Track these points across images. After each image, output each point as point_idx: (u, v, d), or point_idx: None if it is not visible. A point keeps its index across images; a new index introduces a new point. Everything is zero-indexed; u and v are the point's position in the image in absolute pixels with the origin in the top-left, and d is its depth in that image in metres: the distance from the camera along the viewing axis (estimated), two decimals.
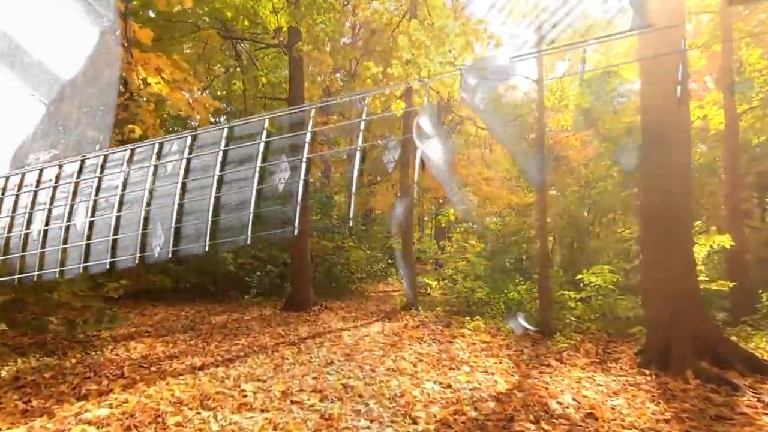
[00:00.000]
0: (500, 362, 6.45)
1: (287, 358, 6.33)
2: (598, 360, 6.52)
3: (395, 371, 5.82)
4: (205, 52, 9.57)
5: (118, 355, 6.24)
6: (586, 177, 13.58)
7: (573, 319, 8.22)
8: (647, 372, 5.78)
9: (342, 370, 5.84)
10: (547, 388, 5.28)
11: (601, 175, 12.90)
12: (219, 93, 10.05)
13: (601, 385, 5.37)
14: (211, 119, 14.08)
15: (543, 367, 6.25)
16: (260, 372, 5.62)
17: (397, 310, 10.55)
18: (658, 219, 6.17)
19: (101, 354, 6.12)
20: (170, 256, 1.83)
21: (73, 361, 5.72)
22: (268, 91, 11.31)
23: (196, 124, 11.72)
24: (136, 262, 1.87)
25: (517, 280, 9.43)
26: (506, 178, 18.48)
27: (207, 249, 1.81)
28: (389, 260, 19.22)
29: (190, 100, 7.32)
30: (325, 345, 7.19)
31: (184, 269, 12.12)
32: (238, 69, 10.29)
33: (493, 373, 5.88)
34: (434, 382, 5.39)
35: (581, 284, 8.87)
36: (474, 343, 7.41)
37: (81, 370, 5.27)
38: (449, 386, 5.20)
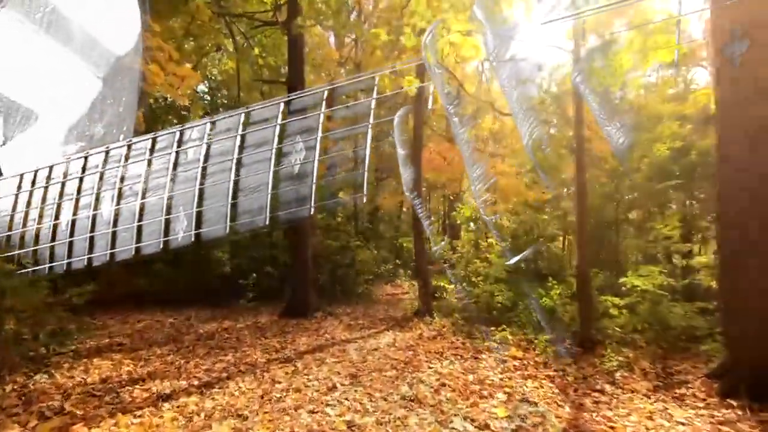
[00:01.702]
0: (541, 386, 5.16)
1: (279, 381, 5.07)
2: (661, 384, 5.20)
3: (413, 401, 4.54)
4: (193, 28, 8.35)
5: (72, 377, 5.01)
6: (612, 170, 12.22)
7: (617, 329, 6.89)
8: (735, 404, 4.46)
9: (346, 399, 4.58)
10: (613, 428, 3.99)
11: (630, 168, 11.53)
12: (209, 74, 8.87)
13: (683, 424, 4.06)
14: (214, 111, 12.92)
15: (596, 393, 4.95)
16: (242, 403, 4.36)
17: (409, 317, 9.27)
18: (746, 221, 4.79)
19: (50, 377, 4.90)
20: (193, 240, 1.84)
21: (9, 387, 4.50)
22: (266, 74, 10.13)
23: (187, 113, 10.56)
24: (161, 247, 1.88)
25: (550, 283, 8.12)
26: (518, 173, 17.13)
27: (227, 231, 1.83)
28: (397, 260, 17.96)
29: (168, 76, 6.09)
30: (326, 362, 5.92)
31: (174, 271, 10.94)
32: (233, 48, 9.05)
33: (536, 403, 4.59)
34: (465, 419, 4.11)
35: (623, 288, 7.54)
36: (505, 360, 6.11)
37: (10, 403, 4.05)
38: (486, 426, 3.92)
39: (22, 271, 2.25)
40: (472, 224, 16.27)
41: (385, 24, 6.86)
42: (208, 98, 12.20)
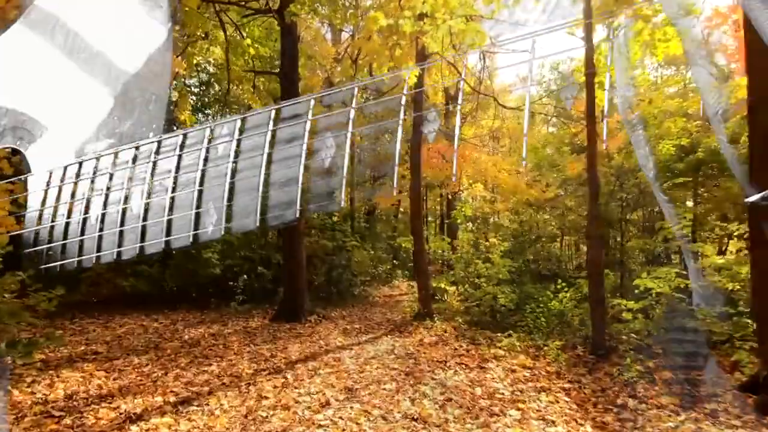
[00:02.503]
0: (556, 400, 4.62)
1: (266, 397, 4.51)
2: (689, 397, 4.69)
3: (417, 420, 3.99)
4: (179, 15, 7.75)
5: (33, 393, 4.42)
6: (617, 167, 11.74)
7: (633, 336, 6.37)
8: None
9: (341, 417, 4.02)
10: None
11: (636, 166, 11.06)
12: (199, 67, 8.30)
13: None
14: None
15: (618, 409, 4.42)
16: (222, 424, 3.79)
17: (408, 320, 8.72)
18: None
19: (6, 394, 4.30)
20: (223, 233, 1.85)
21: None
22: (258, 66, 9.55)
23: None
24: (191, 241, 1.90)
25: (559, 285, 7.58)
26: (518, 171, 16.64)
27: (258, 224, 1.86)
28: (394, 261, 17.40)
29: None
30: (319, 373, 5.36)
31: (162, 272, 10.33)
32: (223, 36, 8.47)
33: (554, 422, 4.05)
34: None
35: (635, 291, 7.02)
36: (513, 370, 5.58)
37: None
38: None
39: (49, 265, 2.20)
40: (470, 224, 15.78)
41: (383, 8, 6.31)
42: (198, 92, 11.65)
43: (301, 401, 4.39)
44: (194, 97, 11.86)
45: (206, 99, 12.43)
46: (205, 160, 1.97)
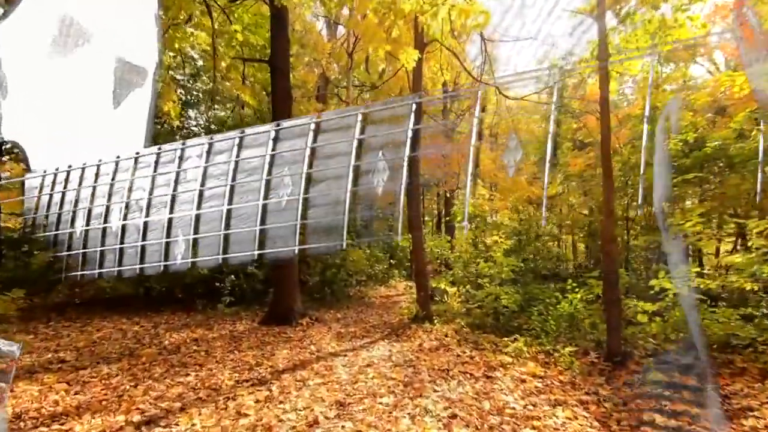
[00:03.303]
0: (575, 416, 4.06)
1: (246, 414, 3.91)
2: (725, 411, 4.14)
3: None
4: None
5: None
6: (623, 162, 11.23)
7: (651, 340, 5.82)
8: None
9: None
10: None
11: (646, 160, 10.53)
12: (178, 45, 7.66)
13: None
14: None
15: (646, 428, 3.86)
16: None
17: (406, 323, 8.14)
18: None
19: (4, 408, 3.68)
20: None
21: None
22: (247, 54, 8.94)
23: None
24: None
25: (569, 285, 7.00)
26: (519, 168, 16.11)
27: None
28: (391, 260, 16.81)
29: None
30: (308, 384, 4.77)
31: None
32: (209, 22, 7.85)
33: None
34: None
35: (650, 291, 6.48)
36: (523, 379, 5.00)
37: None
38: None
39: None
40: (466, 223, 15.22)
41: None
42: (185, 85, 11.02)
43: (285, 419, 3.79)
44: (182, 90, 11.22)
45: (194, 92, 11.81)
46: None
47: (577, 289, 6.80)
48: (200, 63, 11.99)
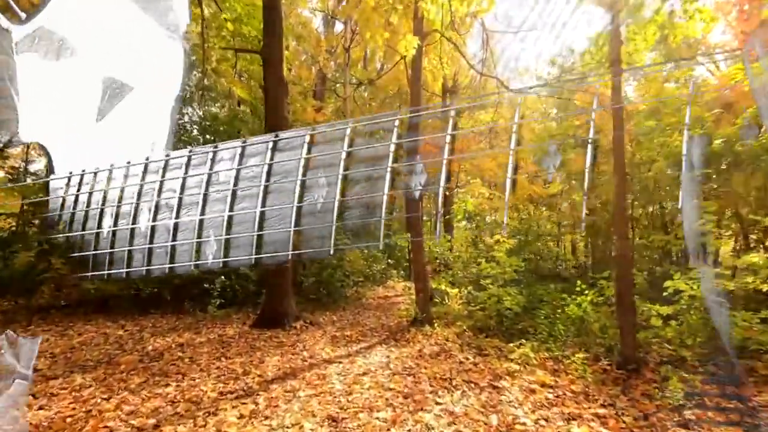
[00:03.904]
0: None
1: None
2: (752, 427, 3.73)
3: None
4: None
5: None
6: (628, 159, 10.83)
7: (667, 346, 5.41)
8: None
9: None
10: None
11: (650, 157, 10.18)
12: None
13: None
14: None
15: None
16: None
17: (405, 326, 7.71)
18: None
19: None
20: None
21: None
22: (238, 45, 8.50)
23: None
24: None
25: (578, 287, 6.57)
26: (518, 167, 15.71)
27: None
28: (389, 260, 16.39)
29: None
30: (299, 396, 4.33)
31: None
32: (198, 8, 7.41)
33: None
34: None
35: (663, 293, 6.08)
36: (533, 389, 4.58)
37: None
38: None
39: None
40: (465, 222, 14.79)
41: None
42: None
43: None
44: None
45: (186, 87, 11.33)
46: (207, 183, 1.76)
47: (586, 291, 6.38)
48: (193, 58, 11.54)
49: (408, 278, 15.44)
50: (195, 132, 11.80)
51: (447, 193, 17.61)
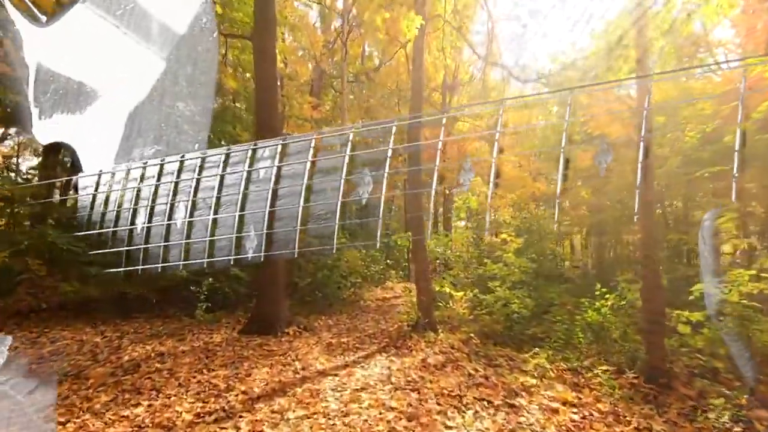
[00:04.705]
0: None
1: None
2: None
3: None
4: None
5: None
6: (635, 158, 10.26)
7: (699, 356, 4.84)
8: None
9: None
10: None
11: (661, 154, 9.61)
12: None
13: None
14: None
15: None
16: None
17: (406, 332, 7.11)
18: None
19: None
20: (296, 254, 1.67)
21: None
22: (227, 28, 7.91)
23: None
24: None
25: (599, 291, 5.98)
26: (520, 165, 15.13)
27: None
28: (387, 260, 15.81)
29: None
30: (287, 418, 3.72)
31: (116, 274, 8.61)
32: None
33: None
34: None
35: (690, 297, 5.51)
36: (554, 409, 3.99)
37: None
38: None
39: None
40: (463, 222, 14.21)
41: None
42: None
43: None
44: None
45: None
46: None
47: (607, 295, 5.79)
48: None
49: (407, 279, 14.85)
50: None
51: (447, 192, 17.05)
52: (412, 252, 11.35)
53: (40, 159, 10.95)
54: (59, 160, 10.59)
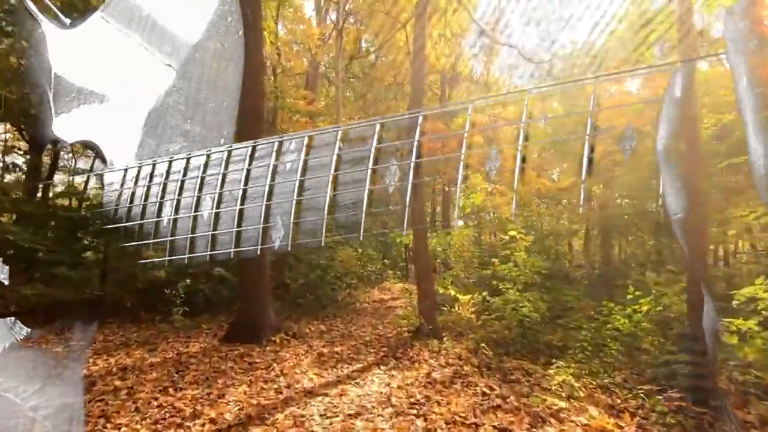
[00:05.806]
0: None
1: None
2: None
3: None
4: None
5: None
6: (645, 149, 9.56)
7: (754, 372, 4.08)
8: None
9: None
10: None
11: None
12: None
13: None
14: None
15: None
16: None
17: (406, 338, 6.31)
18: None
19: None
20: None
21: None
22: None
23: None
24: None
25: (631, 294, 5.20)
26: (522, 160, 14.37)
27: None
28: (384, 260, 14.99)
29: None
30: None
31: (87, 275, 7.78)
32: None
33: None
34: None
35: (733, 302, 4.76)
36: None
37: None
38: None
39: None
40: (461, 222, 13.41)
41: None
42: None
43: None
44: None
45: None
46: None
47: (640, 300, 5.00)
48: None
49: (405, 279, 14.07)
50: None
51: (446, 189, 16.28)
52: (413, 250, 10.54)
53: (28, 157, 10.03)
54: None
